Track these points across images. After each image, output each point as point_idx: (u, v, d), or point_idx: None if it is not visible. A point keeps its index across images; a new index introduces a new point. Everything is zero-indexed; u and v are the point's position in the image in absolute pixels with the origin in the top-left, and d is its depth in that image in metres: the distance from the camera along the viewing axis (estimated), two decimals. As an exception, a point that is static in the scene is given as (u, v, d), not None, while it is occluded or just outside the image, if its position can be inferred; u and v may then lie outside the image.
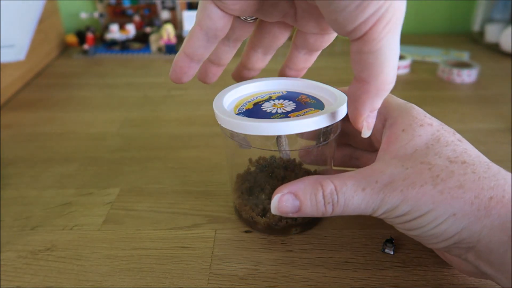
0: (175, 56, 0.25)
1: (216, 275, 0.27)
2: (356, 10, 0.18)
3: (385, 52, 0.20)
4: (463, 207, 0.21)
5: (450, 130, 0.24)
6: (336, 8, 0.18)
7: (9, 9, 0.52)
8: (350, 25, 0.19)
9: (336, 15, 0.19)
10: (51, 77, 0.63)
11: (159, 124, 0.48)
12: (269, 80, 0.29)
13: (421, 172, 0.22)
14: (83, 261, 0.28)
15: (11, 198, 0.35)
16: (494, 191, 0.21)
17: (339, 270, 0.27)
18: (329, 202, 0.23)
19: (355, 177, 0.23)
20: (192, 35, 0.24)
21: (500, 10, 0.76)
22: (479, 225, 0.21)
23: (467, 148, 0.23)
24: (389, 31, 0.19)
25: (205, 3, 0.22)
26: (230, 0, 0.21)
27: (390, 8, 0.18)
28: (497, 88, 0.57)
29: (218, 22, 0.23)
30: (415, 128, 0.23)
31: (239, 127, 0.24)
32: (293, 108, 0.26)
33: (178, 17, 0.79)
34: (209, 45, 0.24)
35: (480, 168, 0.22)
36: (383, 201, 0.22)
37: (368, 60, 0.20)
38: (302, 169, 0.29)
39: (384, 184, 0.22)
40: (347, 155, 0.31)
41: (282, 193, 0.24)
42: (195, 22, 0.23)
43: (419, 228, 0.22)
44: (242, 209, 0.30)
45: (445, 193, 0.21)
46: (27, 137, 0.45)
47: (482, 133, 0.44)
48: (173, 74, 0.26)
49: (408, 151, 0.23)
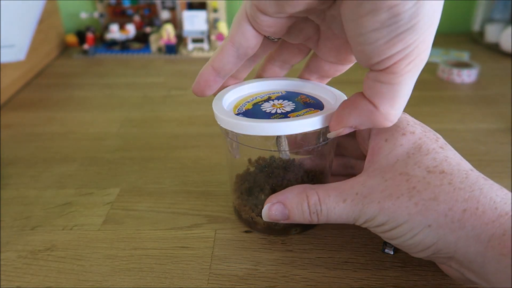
0: (201, 69, 0.26)
1: (216, 275, 0.27)
2: (385, 45, 0.18)
3: (400, 88, 0.20)
4: (438, 219, 0.22)
5: (433, 136, 0.24)
6: (366, 41, 0.19)
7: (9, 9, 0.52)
8: (376, 58, 0.19)
9: (364, 47, 0.19)
10: (51, 77, 0.63)
11: (159, 124, 0.48)
12: (268, 81, 0.29)
13: (399, 184, 0.23)
14: (83, 261, 0.28)
15: (11, 198, 0.35)
16: (467, 204, 0.21)
17: (339, 270, 0.27)
18: (314, 212, 0.24)
19: (338, 189, 0.24)
20: (223, 50, 0.24)
21: (500, 10, 0.76)
22: (454, 237, 0.21)
23: (447, 156, 0.23)
24: (410, 70, 0.19)
25: (240, 21, 0.23)
26: (266, 22, 0.22)
27: (415, 49, 0.19)
28: (497, 88, 0.57)
29: (251, 40, 0.23)
30: (397, 138, 0.24)
31: (237, 127, 0.24)
32: (293, 108, 0.26)
33: (178, 17, 0.79)
34: (238, 62, 0.25)
35: (457, 179, 0.22)
36: (362, 211, 0.23)
37: (382, 90, 0.20)
38: (302, 169, 0.29)
39: (363, 195, 0.23)
40: (342, 165, 0.32)
41: (272, 202, 0.26)
42: (227, 37, 0.24)
43: (398, 238, 0.23)
44: (242, 210, 0.30)
45: (419, 205, 0.22)
46: (27, 137, 0.45)
47: (482, 133, 0.44)
48: (197, 87, 0.26)
49: (390, 162, 0.24)
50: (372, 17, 0.18)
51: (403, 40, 0.18)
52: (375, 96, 0.21)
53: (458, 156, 0.24)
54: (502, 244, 0.20)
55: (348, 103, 0.23)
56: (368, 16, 0.18)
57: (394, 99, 0.20)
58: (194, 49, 0.72)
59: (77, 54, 0.72)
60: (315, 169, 0.30)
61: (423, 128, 0.25)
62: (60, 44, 0.75)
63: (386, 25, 0.18)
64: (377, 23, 0.18)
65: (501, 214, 0.21)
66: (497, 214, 0.21)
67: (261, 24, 0.22)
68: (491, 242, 0.20)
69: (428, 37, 0.19)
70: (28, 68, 0.61)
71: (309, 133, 0.24)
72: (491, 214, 0.21)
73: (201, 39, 0.72)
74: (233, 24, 0.23)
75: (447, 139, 0.27)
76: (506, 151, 0.41)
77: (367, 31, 0.18)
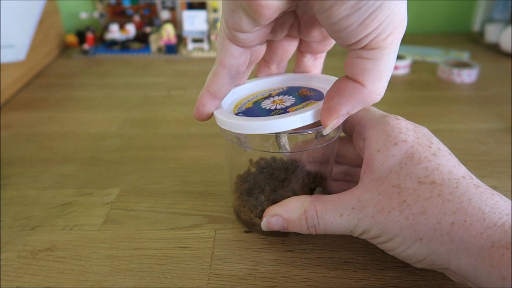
0: (199, 95, 0.26)
1: (216, 275, 0.27)
2: (359, 27, 0.19)
3: (384, 61, 0.20)
4: (427, 232, 0.22)
5: (426, 142, 0.24)
6: (339, 28, 0.19)
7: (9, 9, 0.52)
8: (353, 40, 0.19)
9: (340, 33, 0.19)
10: (51, 77, 0.63)
11: (159, 124, 0.48)
12: (270, 78, 0.29)
13: (391, 197, 0.23)
14: (83, 261, 0.28)
15: (11, 198, 0.35)
16: (455, 216, 0.22)
17: (339, 270, 0.27)
18: (312, 225, 0.25)
19: (336, 203, 0.25)
20: (216, 74, 0.24)
21: (500, 10, 0.76)
22: (445, 249, 0.22)
23: (439, 164, 0.23)
24: (391, 43, 0.20)
25: (224, 42, 0.23)
26: (248, 38, 0.22)
27: (390, 23, 0.19)
28: (497, 88, 0.57)
29: (240, 58, 0.24)
30: (389, 148, 0.24)
31: (234, 127, 0.24)
32: (293, 102, 0.26)
33: (178, 17, 0.79)
34: (232, 81, 0.25)
35: (446, 189, 0.22)
36: (357, 225, 0.24)
37: (367, 66, 0.20)
38: (303, 171, 0.29)
39: (358, 210, 0.24)
40: (342, 173, 0.32)
41: (270, 215, 0.26)
42: (217, 62, 0.24)
43: (393, 249, 0.24)
44: (241, 210, 0.30)
45: (409, 219, 0.22)
46: (27, 137, 0.45)
47: (482, 133, 0.44)
48: (197, 113, 0.27)
49: (383, 174, 0.24)
50: (340, 6, 0.18)
51: (375, 19, 0.18)
52: (360, 74, 0.21)
53: (451, 162, 0.24)
54: (491, 256, 0.20)
55: (333, 93, 0.22)
56: (335, 6, 0.18)
57: (380, 72, 0.20)
58: (194, 49, 0.72)
59: (77, 54, 0.72)
60: (316, 172, 0.29)
61: (416, 134, 0.25)
62: (60, 44, 0.75)
63: (355, 9, 0.18)
64: (346, 10, 0.18)
65: (488, 225, 0.21)
66: (485, 226, 0.21)
67: (244, 42, 0.22)
68: (481, 254, 0.21)
69: (401, 9, 0.19)
70: (28, 68, 0.61)
71: (308, 127, 0.24)
72: (479, 226, 0.21)
73: (201, 39, 0.72)
74: (218, 47, 0.24)
75: (447, 139, 0.27)
76: (506, 151, 0.41)
77: (338, 20, 0.19)
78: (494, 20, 0.76)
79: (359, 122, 0.27)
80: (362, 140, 0.26)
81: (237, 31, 0.21)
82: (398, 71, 0.62)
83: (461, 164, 0.24)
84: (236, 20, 0.21)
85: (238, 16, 0.20)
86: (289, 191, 0.28)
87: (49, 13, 0.70)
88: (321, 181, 0.30)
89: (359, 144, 0.27)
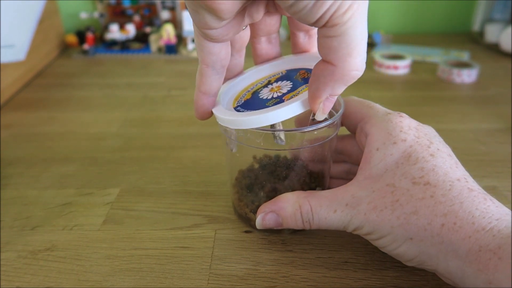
0: (194, 97, 0.26)
1: (216, 275, 0.27)
2: (314, 7, 0.18)
3: (350, 36, 0.19)
4: (418, 232, 0.22)
5: (425, 142, 0.24)
6: (296, 10, 0.19)
7: (9, 9, 0.52)
8: (312, 19, 0.19)
9: (298, 15, 0.19)
10: (51, 77, 0.63)
11: (159, 124, 0.48)
12: (269, 63, 0.29)
13: (384, 196, 0.23)
14: (83, 261, 0.28)
15: (11, 198, 0.35)
16: (446, 218, 0.22)
17: (339, 270, 0.27)
18: (307, 220, 0.25)
19: (330, 199, 0.25)
20: (203, 74, 0.25)
21: (500, 10, 0.76)
22: (435, 250, 0.22)
23: (436, 165, 0.23)
24: (352, 16, 0.19)
25: (200, 42, 0.23)
26: (220, 33, 0.22)
27: None
28: (497, 88, 0.57)
29: (221, 53, 0.24)
30: (387, 147, 0.24)
31: (226, 122, 0.24)
32: (289, 89, 0.25)
33: (178, 17, 0.79)
34: (220, 76, 0.25)
35: (439, 191, 0.22)
36: (350, 222, 0.24)
37: (333, 44, 0.20)
38: (305, 170, 0.29)
39: (352, 206, 0.24)
40: (344, 171, 0.32)
41: (265, 212, 0.27)
42: (200, 61, 0.24)
43: (385, 247, 0.24)
44: (237, 204, 0.30)
45: (401, 218, 0.23)
46: (27, 137, 0.45)
47: (482, 133, 0.44)
48: (198, 114, 0.27)
49: (379, 172, 0.24)
50: None
51: None
52: (329, 53, 0.20)
53: (448, 163, 0.24)
54: (478, 260, 0.20)
55: (313, 78, 0.22)
56: None
57: (347, 48, 0.20)
58: (194, 49, 0.72)
59: (77, 54, 0.72)
60: (317, 171, 0.29)
61: (417, 133, 0.25)
62: (60, 44, 0.75)
63: None
64: None
65: (477, 229, 0.21)
66: (474, 229, 0.21)
67: (217, 37, 0.22)
68: (469, 257, 0.21)
69: None
70: (28, 68, 0.61)
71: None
72: (468, 229, 0.21)
73: (201, 39, 0.72)
74: (197, 47, 0.24)
75: (447, 139, 0.27)
76: (506, 151, 0.41)
77: (293, 3, 0.18)
78: (494, 20, 0.76)
79: (363, 119, 0.27)
80: (364, 137, 0.26)
81: (206, 29, 0.21)
82: (398, 71, 0.62)
83: (460, 166, 0.24)
84: (201, 19, 0.21)
85: (202, 15, 0.20)
86: (289, 189, 0.28)
87: (49, 13, 0.70)
88: (320, 181, 0.30)
89: (362, 141, 0.27)
